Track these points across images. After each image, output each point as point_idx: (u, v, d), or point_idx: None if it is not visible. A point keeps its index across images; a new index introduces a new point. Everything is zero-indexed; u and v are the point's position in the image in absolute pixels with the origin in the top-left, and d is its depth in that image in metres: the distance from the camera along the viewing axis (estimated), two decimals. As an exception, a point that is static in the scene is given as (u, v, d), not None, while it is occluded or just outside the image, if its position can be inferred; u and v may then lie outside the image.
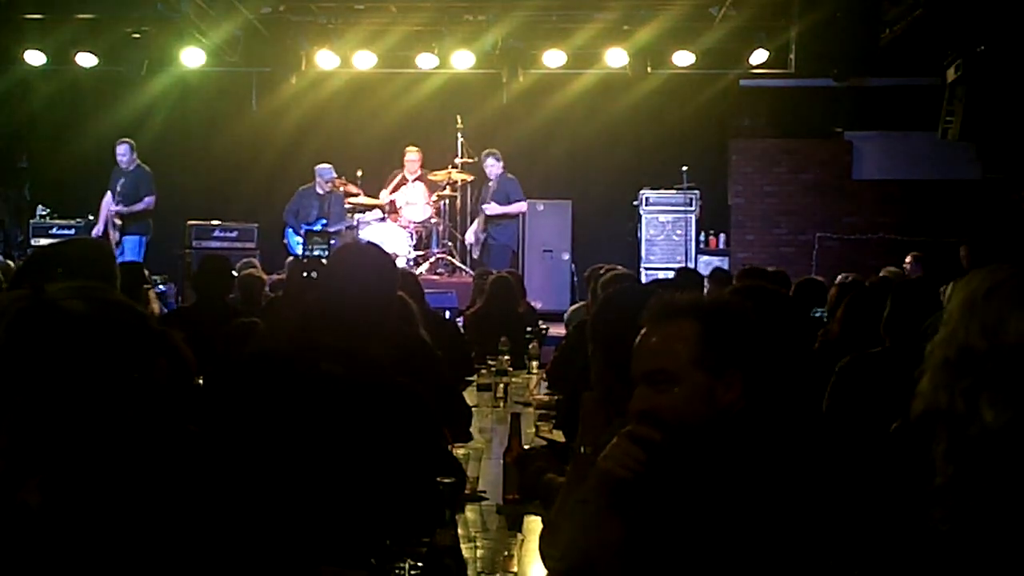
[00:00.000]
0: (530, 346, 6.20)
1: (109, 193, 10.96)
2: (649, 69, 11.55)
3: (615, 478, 1.87)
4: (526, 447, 3.24)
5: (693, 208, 11.67)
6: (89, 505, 1.40)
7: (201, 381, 2.73)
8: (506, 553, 2.33)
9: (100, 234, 10.79)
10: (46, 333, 1.41)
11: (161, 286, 10.54)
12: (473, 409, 4.48)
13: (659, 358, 1.91)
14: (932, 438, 1.39)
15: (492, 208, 10.90)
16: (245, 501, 2.09)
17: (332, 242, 10.73)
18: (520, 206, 11.06)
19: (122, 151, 10.89)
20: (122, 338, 1.46)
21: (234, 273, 6.32)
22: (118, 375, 1.43)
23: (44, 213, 11.35)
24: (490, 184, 11.08)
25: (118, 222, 10.74)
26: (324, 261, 8.28)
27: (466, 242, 11.28)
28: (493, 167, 11.01)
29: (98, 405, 1.42)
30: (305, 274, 5.60)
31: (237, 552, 1.91)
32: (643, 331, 1.95)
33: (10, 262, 8.83)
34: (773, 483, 1.82)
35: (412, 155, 11.26)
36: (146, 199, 10.87)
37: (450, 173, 11.04)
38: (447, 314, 8.16)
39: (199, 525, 1.60)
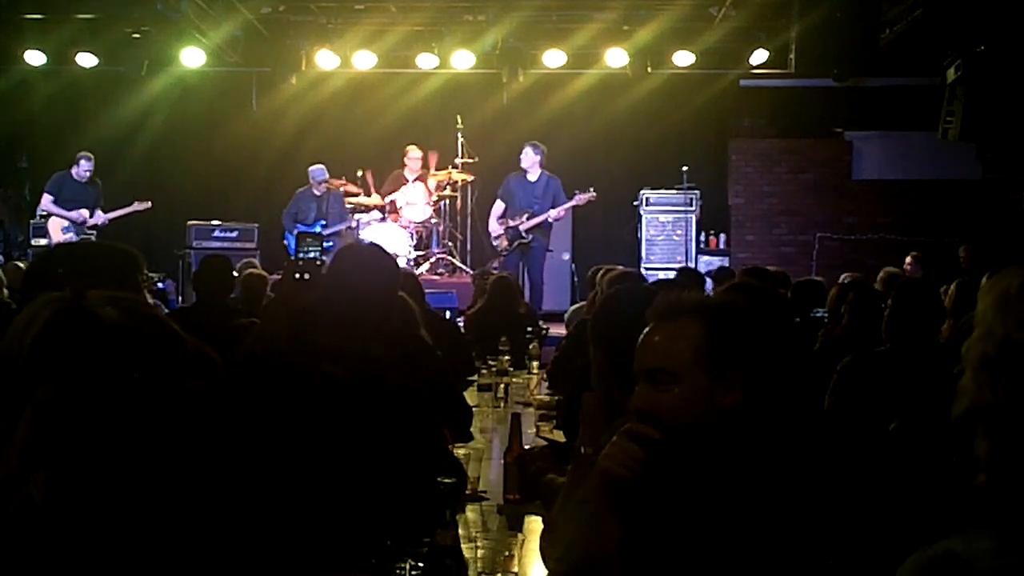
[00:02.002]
0: (530, 346, 6.20)
1: (54, 202, 10.75)
2: (649, 69, 11.55)
3: (614, 477, 1.87)
4: (527, 447, 3.24)
5: (693, 208, 11.67)
6: (93, 506, 1.41)
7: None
8: (507, 553, 2.33)
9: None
10: (77, 336, 1.43)
11: (160, 283, 10.53)
12: (474, 409, 4.48)
13: (661, 357, 1.91)
14: (972, 437, 1.39)
15: (557, 214, 10.47)
16: (247, 502, 2.10)
17: (328, 244, 10.72)
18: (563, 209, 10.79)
19: (90, 165, 10.81)
20: (151, 351, 1.48)
21: (235, 273, 6.31)
22: (143, 386, 1.45)
23: (44, 213, 11.34)
24: (529, 178, 10.56)
25: (92, 234, 10.69)
26: (318, 263, 8.26)
27: (492, 233, 10.74)
28: (528, 159, 10.52)
29: (117, 412, 1.44)
30: (298, 276, 5.59)
31: (239, 554, 1.91)
32: (647, 329, 1.95)
33: (20, 263, 8.80)
34: (772, 484, 1.82)
35: (414, 153, 11.23)
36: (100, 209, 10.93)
37: (450, 173, 11.03)
38: (447, 314, 8.16)
39: (203, 527, 1.62)
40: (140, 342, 1.47)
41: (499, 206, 10.71)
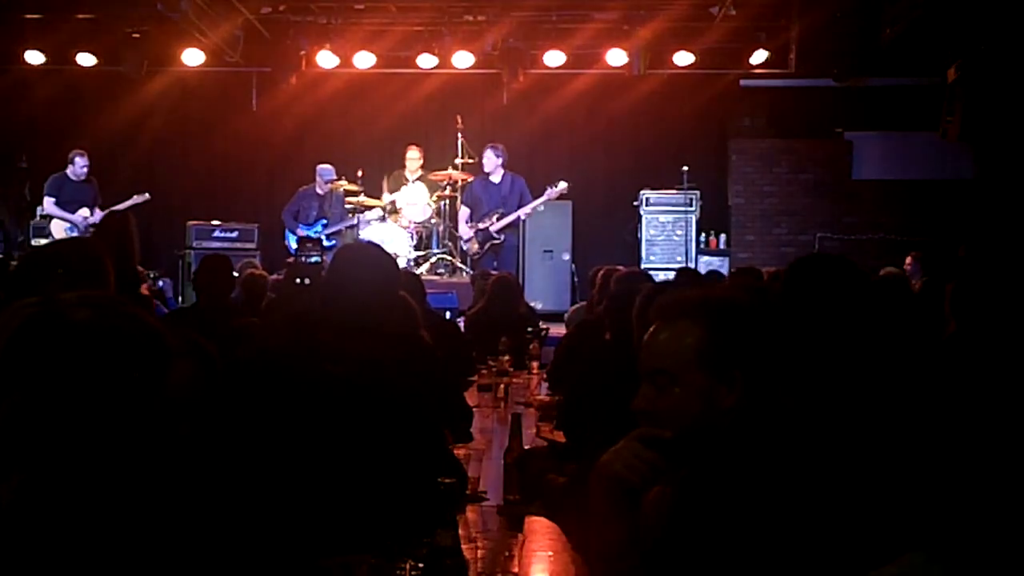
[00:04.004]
0: (530, 346, 6.19)
1: (55, 203, 10.87)
2: (649, 69, 11.54)
3: (624, 482, 1.85)
4: (527, 447, 3.24)
5: (693, 208, 11.68)
6: (66, 509, 1.41)
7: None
8: (507, 554, 2.33)
9: None
10: (49, 340, 1.43)
11: (159, 282, 10.54)
12: (474, 409, 4.48)
13: (661, 358, 1.91)
14: None
15: (527, 212, 10.58)
16: (245, 503, 2.09)
17: (329, 243, 10.74)
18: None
19: (85, 161, 10.92)
20: (127, 349, 1.47)
21: (235, 273, 6.31)
22: (119, 384, 1.45)
23: (45, 214, 11.35)
24: (492, 180, 10.68)
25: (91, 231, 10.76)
26: (319, 267, 8.28)
27: (463, 237, 10.86)
28: (491, 162, 10.64)
29: (94, 413, 1.44)
30: (298, 280, 5.60)
31: (236, 555, 1.91)
32: (651, 329, 1.95)
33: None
34: (775, 484, 1.82)
35: (413, 154, 11.24)
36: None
37: (450, 173, 11.03)
38: (447, 314, 8.16)
39: (196, 528, 1.61)
40: (115, 341, 1.47)
41: (465, 212, 10.80)
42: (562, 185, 10.58)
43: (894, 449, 2.85)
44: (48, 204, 10.92)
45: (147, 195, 11.10)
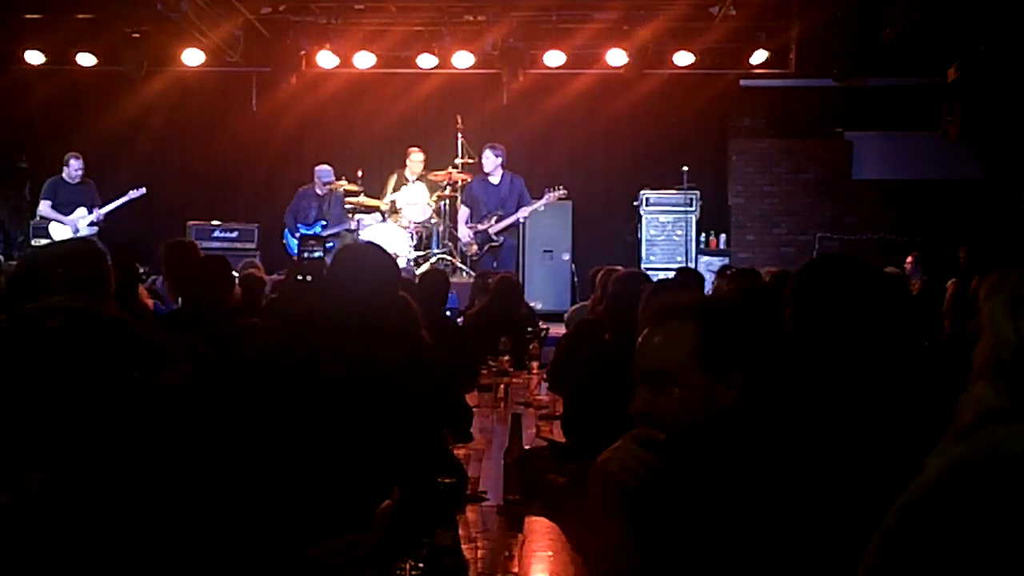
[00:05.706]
0: (530, 346, 6.19)
1: (52, 207, 10.90)
2: (649, 69, 11.54)
3: (622, 483, 1.86)
4: (526, 447, 3.24)
5: (693, 208, 11.68)
6: (82, 500, 1.44)
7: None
8: (506, 553, 2.33)
9: None
10: (23, 352, 1.47)
11: (158, 281, 10.54)
12: (474, 409, 4.48)
13: (658, 359, 1.91)
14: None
15: (525, 214, 10.60)
16: (244, 499, 2.09)
17: (329, 245, 10.73)
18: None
19: (80, 164, 10.95)
20: (100, 350, 1.52)
21: (234, 273, 6.30)
22: (97, 384, 1.49)
23: (41, 215, 11.36)
24: (491, 181, 10.64)
25: (94, 231, 10.76)
26: (321, 264, 8.28)
27: (463, 239, 10.80)
28: (490, 162, 10.55)
29: (76, 414, 1.48)
30: (300, 277, 5.59)
31: (234, 552, 1.91)
32: (644, 332, 1.96)
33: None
34: (776, 482, 1.82)
35: (417, 156, 11.24)
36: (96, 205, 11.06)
37: (450, 173, 11.02)
38: (447, 314, 8.15)
39: (193, 523, 1.64)
40: (88, 345, 1.51)
41: (464, 212, 10.76)
42: (561, 191, 10.59)
43: (895, 447, 2.85)
44: (44, 207, 10.97)
45: (143, 190, 11.11)
